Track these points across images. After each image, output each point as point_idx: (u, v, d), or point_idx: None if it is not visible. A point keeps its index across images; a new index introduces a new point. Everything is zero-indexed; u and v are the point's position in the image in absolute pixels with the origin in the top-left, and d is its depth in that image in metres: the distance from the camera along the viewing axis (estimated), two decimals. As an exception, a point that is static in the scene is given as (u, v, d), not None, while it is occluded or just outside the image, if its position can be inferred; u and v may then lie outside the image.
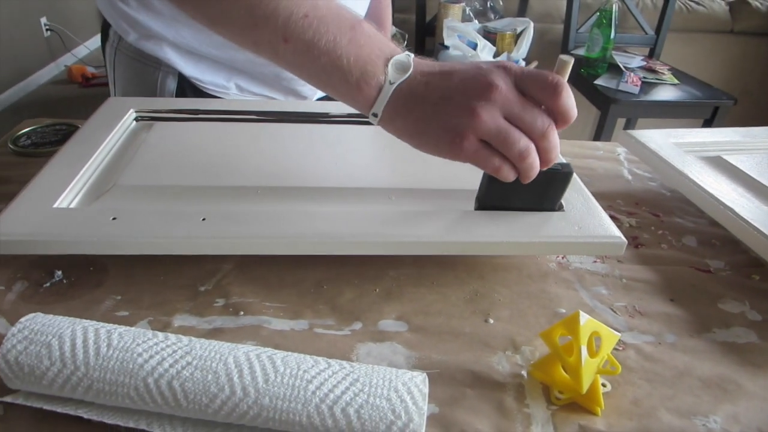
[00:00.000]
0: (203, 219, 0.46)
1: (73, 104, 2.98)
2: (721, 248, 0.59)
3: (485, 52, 1.70)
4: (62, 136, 0.72)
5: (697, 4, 2.21)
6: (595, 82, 1.82)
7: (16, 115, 2.74)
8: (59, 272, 0.48)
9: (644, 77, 1.85)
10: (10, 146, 0.69)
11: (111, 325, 0.37)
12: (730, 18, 2.22)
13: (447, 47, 1.76)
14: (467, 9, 1.94)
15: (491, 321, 0.46)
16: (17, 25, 2.90)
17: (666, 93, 1.80)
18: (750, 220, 0.52)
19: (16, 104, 2.92)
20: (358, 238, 0.46)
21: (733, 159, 0.65)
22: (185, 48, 0.71)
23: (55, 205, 0.47)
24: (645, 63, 1.97)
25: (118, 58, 0.76)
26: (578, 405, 0.38)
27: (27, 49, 3.02)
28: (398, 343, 0.43)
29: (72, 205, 0.49)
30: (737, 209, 0.54)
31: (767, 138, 0.72)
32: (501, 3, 2.06)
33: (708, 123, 1.80)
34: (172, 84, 0.74)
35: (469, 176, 0.55)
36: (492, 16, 1.99)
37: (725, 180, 0.61)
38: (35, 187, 0.50)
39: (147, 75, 0.74)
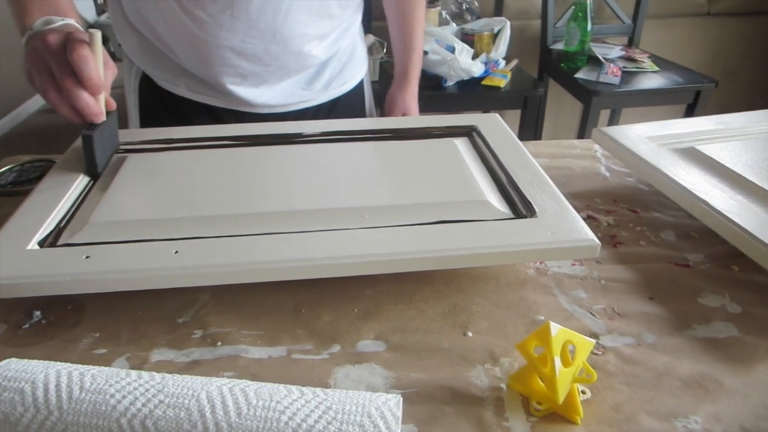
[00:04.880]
0: (176, 252, 0.46)
1: (62, 133, 2.96)
2: (700, 240, 0.59)
3: (463, 55, 1.70)
4: (41, 172, 0.72)
5: (673, -12, 2.21)
6: (576, 75, 1.82)
7: (6, 147, 2.73)
8: (38, 312, 0.48)
9: (624, 67, 1.85)
10: (-13, 187, 0.69)
11: (85, 366, 0.37)
12: (706, 0, 2.23)
13: (426, 52, 1.76)
14: (443, 12, 1.94)
15: (470, 334, 0.46)
16: (1, 56, 2.90)
17: (647, 81, 1.80)
18: (724, 212, 0.52)
19: (5, 136, 2.91)
20: (333, 261, 0.45)
21: (706, 149, 0.65)
22: (147, 43, 0.76)
23: (28, 247, 0.47)
24: (624, 52, 1.97)
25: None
26: (558, 415, 0.38)
27: (14, 80, 3.00)
28: (376, 363, 0.43)
29: (46, 246, 0.49)
30: (711, 201, 0.54)
31: (741, 125, 0.72)
32: (476, 4, 2.06)
33: (691, 108, 1.81)
34: (135, 80, 0.81)
35: (441, 188, 0.55)
36: (468, 17, 2.00)
37: (698, 171, 0.61)
38: (8, 230, 0.49)
39: (124, 72, 0.80)
